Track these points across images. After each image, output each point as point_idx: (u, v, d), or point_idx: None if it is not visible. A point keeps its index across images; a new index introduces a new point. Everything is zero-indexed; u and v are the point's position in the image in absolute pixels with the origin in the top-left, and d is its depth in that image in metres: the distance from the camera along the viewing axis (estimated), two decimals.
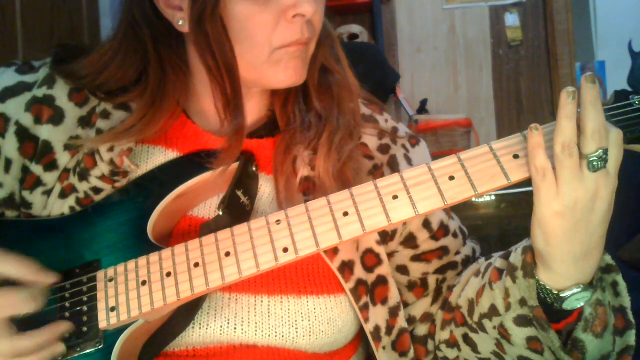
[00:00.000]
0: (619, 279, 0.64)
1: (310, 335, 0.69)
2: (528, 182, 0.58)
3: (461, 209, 2.12)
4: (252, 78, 0.70)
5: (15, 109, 0.71)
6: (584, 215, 0.55)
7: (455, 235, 0.82)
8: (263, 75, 0.69)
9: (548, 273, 0.61)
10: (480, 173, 0.57)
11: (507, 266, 0.65)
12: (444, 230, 0.80)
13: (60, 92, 0.72)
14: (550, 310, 0.62)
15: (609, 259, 0.64)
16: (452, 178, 0.58)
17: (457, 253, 0.81)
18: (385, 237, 0.77)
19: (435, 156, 0.59)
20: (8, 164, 0.71)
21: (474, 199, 2.08)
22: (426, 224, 0.79)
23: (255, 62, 0.68)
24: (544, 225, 0.57)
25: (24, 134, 0.71)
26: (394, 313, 0.74)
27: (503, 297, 0.65)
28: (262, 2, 0.64)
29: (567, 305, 0.60)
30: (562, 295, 0.60)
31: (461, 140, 2.44)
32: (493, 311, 0.66)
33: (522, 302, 0.63)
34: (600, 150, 0.52)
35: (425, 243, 0.79)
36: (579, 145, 0.53)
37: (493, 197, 2.08)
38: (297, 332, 0.68)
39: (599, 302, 0.62)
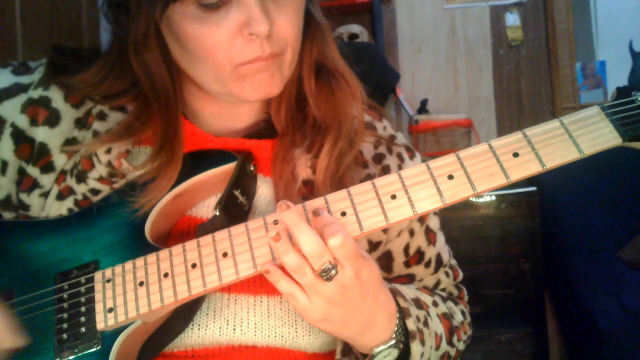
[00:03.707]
0: (413, 346, 0.67)
1: (310, 335, 0.69)
2: (528, 181, 0.58)
3: (461, 209, 2.12)
4: (222, 92, 0.68)
5: (11, 110, 0.71)
6: (345, 308, 0.59)
7: (427, 264, 0.81)
8: (230, 90, 0.67)
9: (351, 345, 0.67)
10: (480, 172, 0.57)
11: None
12: (418, 257, 0.80)
13: (56, 94, 0.72)
14: None
15: (409, 324, 0.67)
16: (451, 177, 0.57)
17: (420, 280, 0.82)
18: (369, 247, 0.76)
19: (435, 156, 0.59)
20: (4, 165, 0.71)
21: (474, 199, 2.08)
22: (405, 247, 0.79)
23: (219, 78, 0.66)
24: (319, 328, 0.62)
25: (19, 136, 0.71)
26: None
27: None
28: (213, 23, 0.61)
29: None
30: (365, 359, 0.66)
31: (461, 140, 2.43)
32: None
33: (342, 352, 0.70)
34: (325, 264, 0.55)
35: (398, 267, 0.80)
36: None
37: (493, 197, 2.07)
38: (296, 331, 0.68)
39: (422, 354, 0.68)
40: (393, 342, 0.64)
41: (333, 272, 0.56)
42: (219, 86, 0.67)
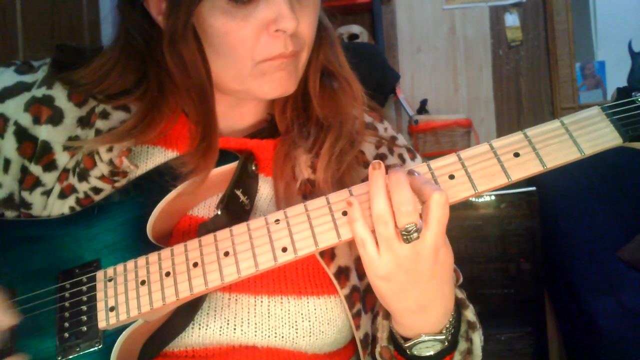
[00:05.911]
0: (474, 336, 0.65)
1: (310, 336, 0.69)
2: (528, 181, 0.58)
3: (461, 209, 2.12)
4: (238, 89, 0.69)
5: (14, 109, 0.71)
6: (410, 277, 0.57)
7: None
8: (248, 88, 0.68)
9: (394, 322, 0.65)
10: (481, 172, 0.57)
11: None
12: None
13: (60, 92, 0.72)
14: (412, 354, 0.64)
15: (469, 315, 0.66)
16: (452, 177, 0.57)
17: None
18: None
19: (435, 156, 0.60)
20: (7, 164, 0.71)
21: (473, 199, 2.08)
22: None
23: (239, 75, 0.67)
24: (374, 287, 0.60)
25: (22, 134, 0.71)
26: (373, 320, 0.74)
27: (376, 328, 0.70)
28: (241, 18, 0.63)
29: (417, 352, 0.63)
30: (407, 343, 0.63)
31: (461, 141, 2.43)
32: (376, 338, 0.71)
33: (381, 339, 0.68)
34: (410, 225, 0.53)
35: None
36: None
37: (493, 197, 2.08)
38: (297, 332, 0.68)
39: (469, 350, 0.65)
40: (443, 337, 0.63)
41: (415, 235, 0.54)
42: (236, 83, 0.68)
